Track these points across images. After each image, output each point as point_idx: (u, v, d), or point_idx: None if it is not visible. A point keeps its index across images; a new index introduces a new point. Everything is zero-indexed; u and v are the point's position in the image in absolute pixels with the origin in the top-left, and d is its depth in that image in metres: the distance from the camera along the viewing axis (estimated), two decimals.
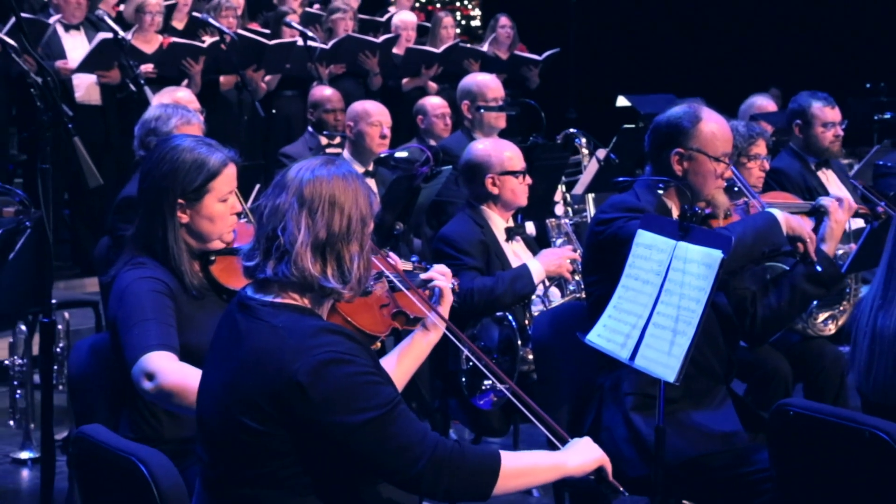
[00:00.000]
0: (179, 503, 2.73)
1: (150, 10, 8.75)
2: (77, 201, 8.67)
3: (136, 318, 3.49)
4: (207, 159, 3.63)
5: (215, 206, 3.64)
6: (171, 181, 3.62)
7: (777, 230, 3.98)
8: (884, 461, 3.01)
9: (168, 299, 3.56)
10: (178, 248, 3.63)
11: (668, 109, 4.24)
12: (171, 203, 3.62)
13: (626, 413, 4.03)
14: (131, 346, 3.45)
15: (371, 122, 6.80)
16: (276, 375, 2.74)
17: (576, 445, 3.06)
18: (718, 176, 4.12)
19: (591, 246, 4.22)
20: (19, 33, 4.15)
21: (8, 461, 6.14)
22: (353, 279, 2.86)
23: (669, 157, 4.10)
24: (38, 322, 5.37)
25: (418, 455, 2.77)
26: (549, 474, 3.06)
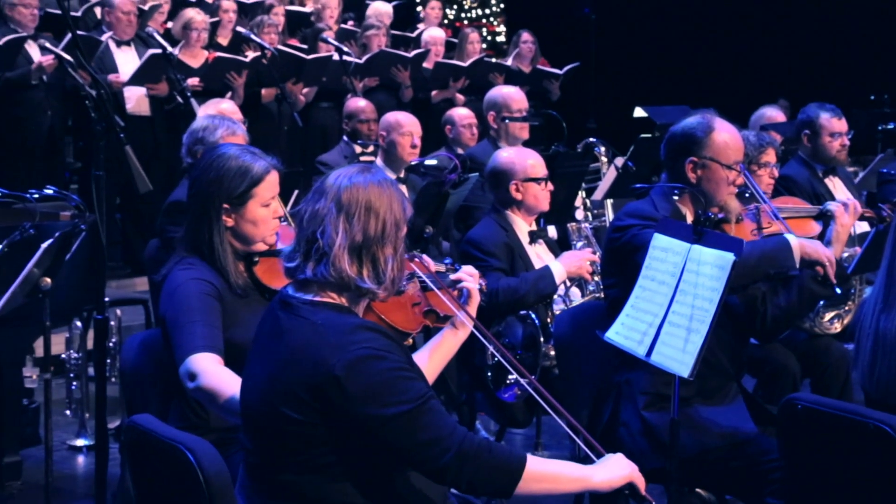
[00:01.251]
0: (224, 489, 2.73)
1: (196, 26, 8.78)
2: (128, 206, 8.69)
3: (184, 320, 3.51)
4: (251, 167, 3.65)
5: (258, 210, 3.65)
6: (216, 187, 3.64)
7: (787, 254, 3.94)
8: (887, 452, 3.00)
9: (215, 301, 3.58)
10: (223, 249, 3.65)
11: (683, 120, 4.22)
12: (217, 207, 3.63)
13: (640, 410, 4.03)
14: (179, 346, 3.47)
15: (402, 132, 6.80)
16: (315, 369, 2.75)
17: (606, 461, 3.02)
18: (730, 183, 4.09)
19: (609, 250, 4.22)
20: (75, 49, 4.17)
21: (64, 448, 6.17)
22: (387, 280, 2.87)
23: (684, 165, 4.08)
24: (92, 318, 5.40)
25: (446, 447, 2.77)
26: (574, 485, 3.02)
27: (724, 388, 4.07)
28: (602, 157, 7.35)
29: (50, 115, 8.24)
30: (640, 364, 3.93)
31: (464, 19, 14.25)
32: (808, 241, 4.02)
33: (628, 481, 2.99)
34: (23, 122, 8.15)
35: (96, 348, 4.15)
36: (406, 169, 6.78)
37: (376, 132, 7.05)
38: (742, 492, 4.04)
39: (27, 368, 6.06)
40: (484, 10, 14.57)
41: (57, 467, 5.52)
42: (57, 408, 5.95)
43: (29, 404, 6.05)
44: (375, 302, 3.01)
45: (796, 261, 3.96)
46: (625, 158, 6.89)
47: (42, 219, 5.37)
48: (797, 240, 3.99)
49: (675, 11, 14.24)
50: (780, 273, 3.99)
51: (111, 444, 4.85)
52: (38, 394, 6.00)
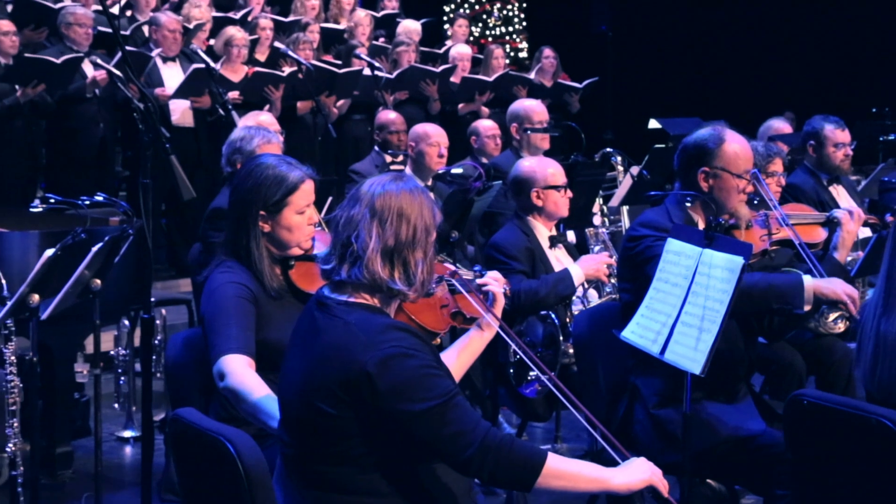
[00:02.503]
0: (262, 478, 2.73)
1: (236, 43, 8.80)
2: (173, 212, 8.72)
3: (220, 322, 3.52)
4: (287, 175, 3.65)
5: (293, 217, 3.66)
6: (254, 195, 3.64)
7: (797, 293, 3.86)
8: (888, 446, 2.98)
9: (250, 304, 3.58)
10: (258, 254, 3.65)
11: (695, 131, 4.20)
12: (254, 214, 3.64)
13: (650, 410, 4.02)
14: (214, 346, 3.49)
15: (430, 142, 6.80)
16: (348, 366, 2.75)
17: (629, 464, 2.98)
18: (741, 191, 4.07)
19: (624, 258, 4.20)
20: (125, 65, 4.18)
21: (113, 439, 6.20)
22: (417, 282, 2.87)
23: (696, 175, 4.06)
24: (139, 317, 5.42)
25: (470, 441, 2.77)
26: (592, 485, 2.96)
27: (733, 389, 4.05)
28: (618, 166, 7.35)
29: (102, 126, 8.27)
30: (652, 368, 3.94)
31: (489, 36, 14.23)
32: (825, 282, 3.92)
33: (648, 485, 2.94)
34: (77, 133, 8.19)
35: (143, 345, 4.17)
36: (433, 177, 6.78)
37: (406, 143, 7.05)
38: (750, 483, 4.03)
39: (78, 364, 6.07)
40: (508, 27, 14.55)
41: (106, 457, 5.55)
42: (106, 401, 5.97)
43: (80, 398, 6.08)
44: (406, 303, 3.01)
45: (808, 300, 3.86)
46: (640, 167, 6.88)
47: (93, 224, 5.40)
48: (813, 281, 3.90)
49: (688, 29, 14.22)
50: (783, 308, 3.95)
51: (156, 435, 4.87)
52: (88, 388, 6.03)
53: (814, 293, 3.87)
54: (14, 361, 4.73)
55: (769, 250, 4.34)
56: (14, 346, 4.73)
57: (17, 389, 4.74)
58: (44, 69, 7.67)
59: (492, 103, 10.15)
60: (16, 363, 4.74)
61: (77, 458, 5.65)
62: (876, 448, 3.03)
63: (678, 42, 14.24)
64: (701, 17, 14.24)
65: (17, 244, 5.35)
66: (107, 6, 4.92)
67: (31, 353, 4.62)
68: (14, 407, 4.73)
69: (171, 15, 8.71)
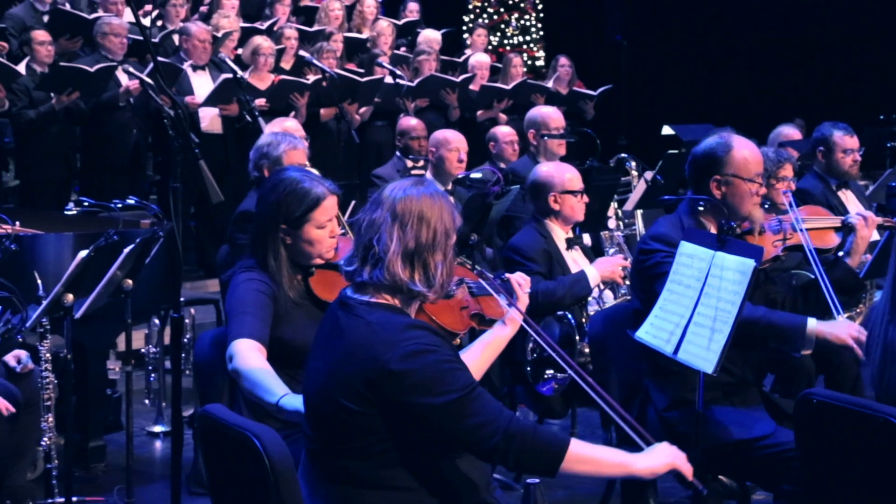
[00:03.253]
0: (287, 473, 2.73)
1: (263, 52, 8.82)
2: (202, 215, 8.74)
3: (237, 311, 3.56)
4: (309, 192, 3.66)
5: (314, 231, 3.67)
6: (275, 210, 3.66)
7: (798, 336, 3.80)
8: (894, 443, 2.97)
9: (268, 299, 3.61)
10: (276, 265, 3.67)
11: (703, 140, 4.14)
12: (275, 228, 3.66)
13: (660, 412, 4.01)
14: (229, 333, 3.53)
15: (450, 148, 6.79)
16: (370, 364, 2.75)
17: (652, 449, 2.96)
18: (754, 194, 4.02)
19: (637, 269, 4.17)
20: (157, 75, 4.19)
21: (143, 434, 6.21)
22: (437, 284, 2.87)
23: (708, 183, 4.01)
24: (169, 316, 5.45)
25: (494, 430, 2.76)
26: (615, 470, 2.95)
27: (745, 392, 4.02)
28: (633, 171, 7.33)
29: (134, 133, 8.30)
30: (662, 373, 3.93)
31: (507, 45, 14.21)
32: (828, 326, 3.82)
33: (672, 468, 2.93)
34: (110, 139, 8.21)
35: (172, 343, 4.17)
36: (453, 182, 6.78)
37: (426, 148, 7.05)
38: (760, 479, 4.00)
39: (110, 361, 6.09)
40: (525, 37, 14.53)
41: (137, 451, 5.56)
42: (137, 397, 5.99)
43: (112, 394, 6.10)
44: (426, 304, 3.01)
45: (809, 343, 3.79)
46: (653, 172, 6.86)
47: (125, 226, 5.42)
48: (816, 325, 3.81)
49: (700, 38, 14.18)
50: (780, 347, 3.89)
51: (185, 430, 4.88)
52: (120, 384, 6.05)
53: (815, 336, 3.80)
54: (49, 358, 4.75)
55: (781, 256, 4.30)
56: (49, 344, 4.75)
57: (51, 385, 4.76)
58: (78, 77, 7.70)
59: (509, 110, 10.15)
60: (51, 360, 4.76)
61: (109, 451, 5.66)
62: (884, 446, 3.01)
63: (690, 50, 14.20)
64: (713, 26, 14.20)
65: (52, 246, 5.37)
66: (139, 17, 4.94)
67: (66, 350, 4.65)
68: (49, 402, 4.75)
69: (201, 25, 8.73)
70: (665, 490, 5.05)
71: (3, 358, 4.72)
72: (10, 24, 8.60)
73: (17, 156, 8.31)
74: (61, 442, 4.90)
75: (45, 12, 8.72)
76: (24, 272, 4.91)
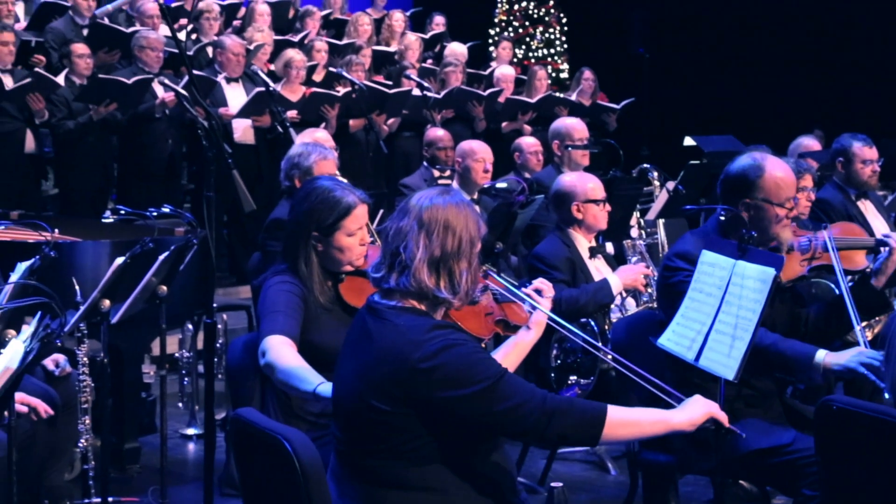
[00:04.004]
0: (317, 474, 2.73)
1: (295, 65, 8.85)
2: (234, 223, 8.76)
3: (268, 310, 3.58)
4: (340, 200, 3.67)
5: (345, 239, 3.68)
6: (307, 217, 3.67)
7: (807, 367, 3.74)
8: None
9: (300, 300, 3.63)
10: (308, 271, 3.68)
11: (737, 158, 4.01)
12: (306, 236, 3.67)
13: None
14: (261, 331, 3.55)
15: (476, 158, 6.79)
16: (400, 364, 2.76)
17: (685, 404, 2.99)
18: (782, 218, 3.90)
19: (661, 285, 4.13)
20: (192, 87, 4.21)
21: (177, 436, 6.23)
22: (461, 291, 2.88)
23: (738, 204, 3.91)
24: (202, 322, 5.46)
25: (531, 409, 2.77)
26: (655, 427, 2.95)
27: (766, 404, 3.98)
28: (655, 182, 7.30)
29: (170, 143, 8.33)
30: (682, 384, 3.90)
31: (532, 58, 14.19)
32: (837, 357, 3.74)
33: (709, 417, 2.94)
34: (146, 149, 8.25)
35: (205, 348, 4.18)
36: (479, 191, 6.78)
37: (453, 158, 7.05)
38: (780, 484, 3.97)
39: (145, 365, 6.12)
40: (550, 49, 14.50)
41: (170, 453, 5.57)
42: (171, 400, 6.00)
43: (147, 397, 6.12)
44: (452, 310, 3.00)
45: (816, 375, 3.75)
46: (675, 182, 6.83)
47: (160, 234, 5.44)
48: (823, 357, 3.75)
49: (721, 51, 14.12)
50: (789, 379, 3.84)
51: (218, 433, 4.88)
52: (154, 388, 6.07)
53: (824, 368, 3.74)
54: (86, 362, 4.77)
55: (806, 276, 4.21)
56: (86, 348, 4.77)
57: (88, 389, 4.78)
58: (116, 89, 7.75)
59: (534, 122, 10.13)
60: (88, 364, 4.78)
61: (144, 453, 5.68)
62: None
63: (711, 63, 14.14)
64: (733, 38, 14.14)
65: (89, 253, 5.39)
66: (175, 31, 4.96)
67: (102, 354, 4.67)
68: (86, 405, 4.77)
69: (235, 39, 8.77)
70: (686, 494, 5.02)
71: (43, 361, 4.74)
72: (50, 38, 8.66)
73: (57, 165, 8.36)
74: (98, 444, 4.92)
75: (84, 26, 8.78)
76: (63, 278, 4.94)
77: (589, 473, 5.67)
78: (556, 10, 14.60)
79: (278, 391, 3.70)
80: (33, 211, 7.00)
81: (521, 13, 14.58)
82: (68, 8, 8.87)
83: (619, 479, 5.51)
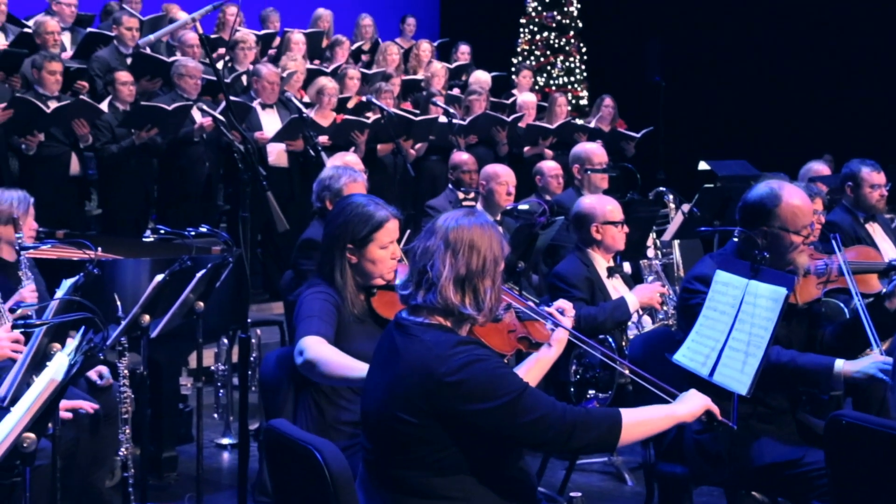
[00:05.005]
0: (346, 483, 2.74)
1: (328, 92, 8.89)
2: (268, 242, 8.80)
3: (304, 316, 3.58)
4: (374, 214, 3.69)
5: (377, 251, 3.69)
6: (342, 230, 3.69)
7: (825, 378, 3.72)
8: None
9: (334, 308, 3.63)
10: (343, 282, 3.69)
11: (756, 186, 4.00)
12: (342, 247, 3.68)
13: (693, 434, 3.96)
14: (297, 334, 3.54)
15: (499, 181, 6.81)
16: (427, 378, 2.76)
17: (683, 397, 3.04)
18: (799, 244, 3.88)
19: (680, 307, 4.11)
20: (228, 113, 4.24)
21: (213, 445, 6.25)
22: (485, 308, 2.88)
23: (755, 231, 3.90)
24: (237, 336, 5.47)
25: (552, 422, 2.78)
26: (664, 422, 2.99)
27: (779, 420, 3.95)
28: (670, 204, 7.29)
29: (207, 166, 8.37)
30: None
31: (553, 85, 14.22)
32: (854, 366, 3.72)
33: (706, 409, 3.01)
34: (185, 172, 8.30)
35: (240, 362, 4.20)
36: (502, 213, 6.78)
37: (477, 181, 7.06)
38: (792, 495, 3.94)
39: (183, 378, 6.14)
40: (570, 77, 14.53)
41: (206, 462, 5.59)
42: (206, 411, 6.02)
43: (184, 408, 6.14)
44: (476, 326, 3.01)
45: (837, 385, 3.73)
46: (690, 205, 6.82)
47: (197, 252, 5.47)
48: (843, 365, 3.73)
49: (734, 79, 14.12)
50: (811, 391, 3.81)
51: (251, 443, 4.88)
52: (191, 399, 6.09)
53: (844, 377, 3.72)
54: (127, 374, 4.80)
55: (821, 299, 4.18)
56: (127, 361, 4.80)
57: (129, 400, 4.80)
58: (157, 115, 7.81)
59: (554, 146, 10.14)
60: (128, 376, 4.81)
61: (181, 461, 5.70)
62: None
63: (725, 90, 14.14)
64: (746, 67, 14.13)
65: (130, 270, 5.43)
66: (214, 60, 4.99)
67: (142, 367, 4.69)
68: (126, 415, 4.79)
69: (270, 67, 8.82)
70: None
71: (86, 373, 4.77)
72: (96, 66, 8.74)
73: (100, 187, 8.42)
74: (137, 452, 4.93)
75: (128, 55, 8.86)
76: (105, 294, 4.97)
77: (606, 484, 5.65)
78: (576, 40, 14.64)
79: (312, 403, 3.70)
80: (78, 230, 7.05)
81: (542, 43, 14.61)
82: (113, 38, 8.96)
83: (635, 489, 5.49)
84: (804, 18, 13.75)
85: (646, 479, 4.72)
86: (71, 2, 9.40)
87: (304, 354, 3.43)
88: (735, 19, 14.16)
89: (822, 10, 13.62)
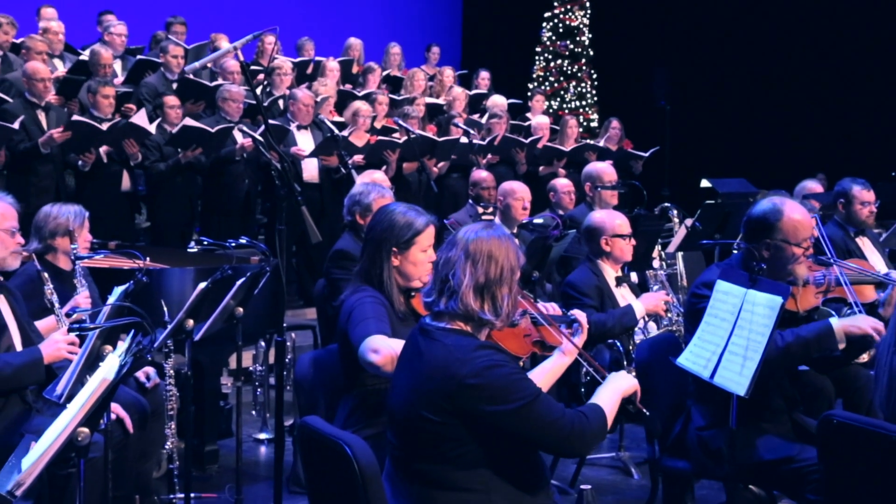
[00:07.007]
0: (373, 476, 2.75)
1: (363, 114, 8.90)
2: (302, 253, 8.82)
3: (359, 318, 3.48)
4: (416, 220, 3.68)
5: (419, 254, 3.67)
6: (388, 233, 3.66)
7: (829, 339, 3.69)
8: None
9: (384, 309, 3.58)
10: (390, 282, 3.65)
11: (758, 203, 3.98)
12: (388, 249, 3.65)
13: (697, 431, 3.95)
14: (356, 336, 3.44)
15: (516, 197, 6.81)
16: (449, 380, 2.77)
17: (618, 376, 3.11)
18: (799, 256, 3.86)
19: (688, 311, 4.10)
20: (267, 134, 4.25)
21: (251, 440, 6.26)
22: (503, 313, 2.89)
23: (758, 244, 3.89)
24: (273, 340, 5.49)
25: (561, 426, 2.80)
26: (618, 401, 3.06)
27: (776, 419, 3.92)
28: (675, 219, 7.27)
29: (247, 182, 8.41)
30: (703, 397, 3.88)
31: (565, 109, 14.23)
32: (848, 321, 3.73)
33: (635, 390, 3.09)
34: (226, 188, 8.33)
35: (276, 363, 4.21)
36: (518, 226, 6.78)
37: (495, 197, 7.07)
38: (787, 489, 3.92)
39: (223, 377, 6.16)
40: (581, 101, 14.55)
41: (245, 455, 5.60)
42: (245, 408, 6.05)
43: (224, 405, 6.15)
44: (493, 331, 3.01)
45: (840, 340, 3.69)
46: (693, 220, 6.81)
47: (237, 262, 5.50)
48: (839, 322, 3.72)
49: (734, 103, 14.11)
50: (823, 354, 3.79)
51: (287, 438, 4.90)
52: (231, 397, 6.11)
53: (843, 333, 3.70)
54: (172, 374, 4.83)
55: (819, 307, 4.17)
56: (173, 362, 4.83)
57: (174, 397, 4.83)
58: (201, 136, 7.86)
59: (567, 166, 10.15)
60: (174, 376, 4.83)
61: (221, 455, 5.71)
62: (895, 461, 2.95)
63: (726, 114, 14.13)
64: (745, 93, 14.12)
65: (176, 278, 5.45)
66: (254, 85, 5.02)
67: (186, 367, 4.71)
68: (172, 412, 4.82)
69: (306, 91, 8.87)
70: (702, 497, 4.98)
71: (135, 374, 4.79)
72: (145, 91, 8.81)
73: (149, 202, 8.46)
74: (182, 446, 4.95)
75: (174, 80, 8.92)
76: (153, 301, 5.00)
77: (614, 477, 5.64)
78: (588, 67, 14.65)
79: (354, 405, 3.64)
80: (128, 241, 7.08)
81: (556, 69, 14.63)
82: (160, 65, 9.02)
83: (641, 482, 5.47)
84: (799, 50, 13.76)
85: (651, 472, 4.71)
86: (122, 32, 9.48)
87: (380, 353, 3.34)
88: (735, 50, 14.16)
89: (817, 43, 13.62)
